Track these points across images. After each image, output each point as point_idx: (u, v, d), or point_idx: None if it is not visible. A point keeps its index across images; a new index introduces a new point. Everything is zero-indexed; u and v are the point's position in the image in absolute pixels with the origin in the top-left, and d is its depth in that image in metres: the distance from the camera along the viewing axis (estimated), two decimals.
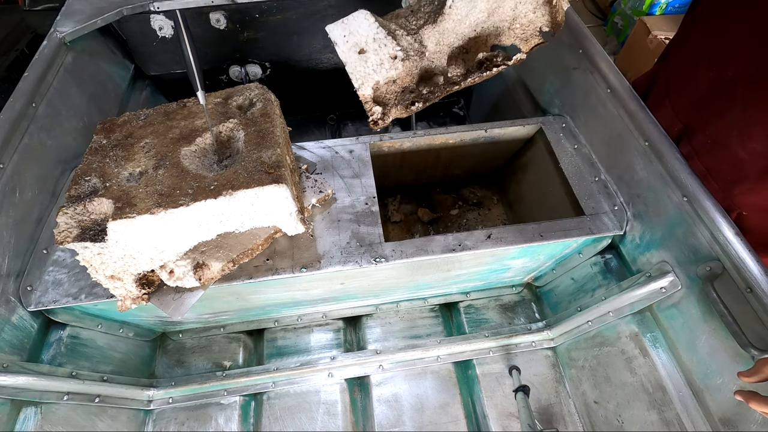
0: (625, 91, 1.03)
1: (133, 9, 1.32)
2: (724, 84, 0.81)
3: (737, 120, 0.80)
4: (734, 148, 0.81)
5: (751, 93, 0.76)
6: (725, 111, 0.82)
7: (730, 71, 0.80)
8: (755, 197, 0.82)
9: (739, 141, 0.80)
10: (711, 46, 0.85)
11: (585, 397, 1.18)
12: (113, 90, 1.40)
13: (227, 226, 0.80)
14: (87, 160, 0.83)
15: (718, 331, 0.83)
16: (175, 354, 1.31)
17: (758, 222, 0.84)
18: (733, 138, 0.81)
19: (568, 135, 1.20)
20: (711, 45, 0.85)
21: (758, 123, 0.76)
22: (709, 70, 0.84)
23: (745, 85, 0.77)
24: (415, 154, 1.31)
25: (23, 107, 1.01)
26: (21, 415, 0.90)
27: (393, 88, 0.87)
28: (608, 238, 1.08)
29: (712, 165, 0.87)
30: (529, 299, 1.42)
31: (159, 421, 1.18)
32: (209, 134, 0.86)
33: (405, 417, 1.20)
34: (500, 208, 1.60)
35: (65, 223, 0.74)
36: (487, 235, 0.99)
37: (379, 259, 0.94)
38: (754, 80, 0.75)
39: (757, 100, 0.75)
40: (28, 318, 0.92)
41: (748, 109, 0.77)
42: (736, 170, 0.83)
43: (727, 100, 0.81)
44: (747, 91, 0.77)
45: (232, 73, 1.65)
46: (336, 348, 1.34)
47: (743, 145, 0.79)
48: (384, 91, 0.87)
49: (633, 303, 1.01)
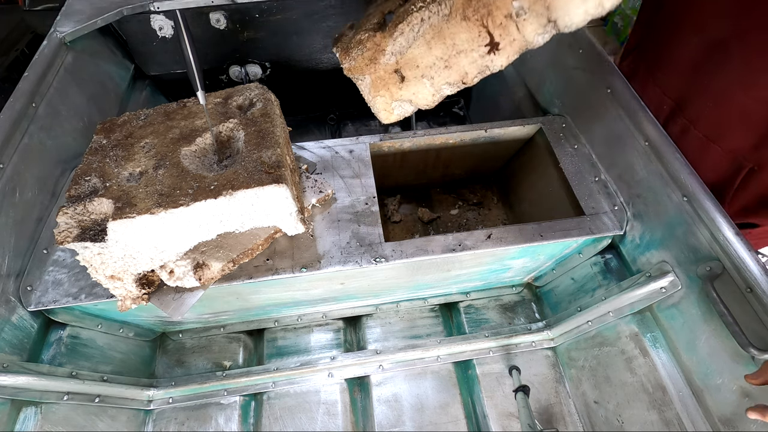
0: (625, 91, 1.03)
1: (133, 9, 1.32)
2: (714, 44, 0.83)
3: (737, 73, 0.81)
4: (739, 98, 0.82)
5: (749, 45, 0.78)
6: (721, 68, 0.84)
7: (716, 31, 0.82)
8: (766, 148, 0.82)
9: (744, 91, 0.81)
10: (690, 13, 0.87)
11: (585, 397, 1.18)
12: (113, 90, 1.40)
13: (227, 226, 0.80)
14: (87, 160, 0.83)
15: (718, 331, 0.83)
16: (175, 354, 1.31)
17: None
18: (737, 90, 0.82)
19: (568, 135, 1.20)
20: (690, 12, 0.87)
21: (762, 70, 0.78)
22: (693, 35, 0.86)
23: (740, 39, 0.79)
24: (415, 154, 1.31)
25: (23, 107, 1.01)
26: (21, 415, 0.90)
27: None
28: (608, 238, 1.08)
29: (714, 128, 0.88)
30: (529, 299, 1.42)
31: (159, 421, 1.18)
32: (209, 134, 0.86)
33: (405, 417, 1.20)
34: (500, 208, 1.60)
35: (65, 223, 0.74)
36: (487, 235, 0.99)
37: (379, 259, 0.94)
38: (750, 33, 0.77)
39: (758, 51, 0.77)
40: (28, 318, 0.92)
41: (748, 62, 0.79)
42: (743, 122, 0.83)
43: (721, 58, 0.83)
44: (743, 45, 0.79)
45: (232, 73, 1.65)
46: (336, 348, 1.34)
47: (749, 93, 0.81)
48: None
49: (633, 303, 1.01)
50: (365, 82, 0.87)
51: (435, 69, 0.81)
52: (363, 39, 0.80)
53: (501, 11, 0.70)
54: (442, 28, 0.75)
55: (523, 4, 0.68)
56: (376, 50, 0.81)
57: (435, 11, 0.74)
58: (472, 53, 0.77)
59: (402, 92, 0.85)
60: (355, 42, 0.82)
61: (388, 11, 0.83)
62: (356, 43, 0.82)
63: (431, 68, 0.80)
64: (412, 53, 0.78)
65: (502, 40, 0.74)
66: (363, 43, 0.80)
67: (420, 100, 0.85)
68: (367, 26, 0.82)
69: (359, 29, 0.84)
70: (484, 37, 0.74)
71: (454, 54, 0.78)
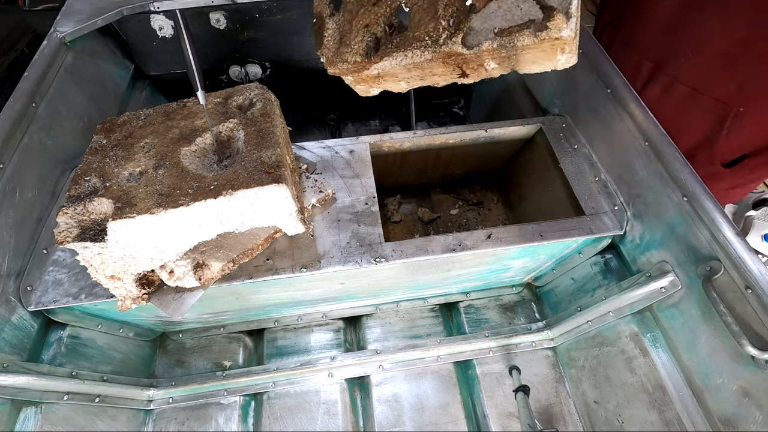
0: (625, 91, 1.03)
1: (133, 9, 1.32)
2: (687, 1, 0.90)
3: (714, 21, 0.87)
4: (718, 45, 0.88)
5: None
6: (697, 20, 0.90)
7: None
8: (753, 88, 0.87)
9: (722, 37, 0.87)
10: None
11: (585, 397, 1.18)
12: (113, 90, 1.40)
13: (227, 226, 0.80)
14: (87, 160, 0.83)
15: (718, 331, 0.83)
16: (175, 354, 1.31)
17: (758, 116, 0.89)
18: (716, 38, 0.88)
19: (568, 135, 1.20)
20: None
21: (737, 14, 0.83)
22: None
23: None
24: (415, 154, 1.31)
25: (23, 107, 1.01)
26: (21, 415, 0.90)
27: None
28: (608, 238, 1.08)
29: (697, 77, 0.93)
30: (529, 299, 1.42)
31: (159, 421, 1.18)
32: (209, 134, 0.86)
33: (405, 417, 1.20)
34: (500, 208, 1.60)
35: (65, 223, 0.74)
36: (487, 235, 0.99)
37: (379, 259, 0.94)
38: None
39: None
40: (28, 318, 0.92)
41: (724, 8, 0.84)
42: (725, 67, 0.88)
43: (695, 10, 0.89)
44: None
45: (232, 73, 1.65)
46: (336, 348, 1.33)
47: (726, 39, 0.86)
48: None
49: (633, 303, 1.01)
50: (347, 79, 0.96)
51: (411, 80, 0.93)
52: (349, 60, 0.89)
53: (475, 62, 0.83)
54: (422, 64, 0.86)
55: (494, 62, 0.83)
56: (360, 68, 0.90)
57: (418, 55, 0.84)
58: (444, 76, 0.91)
59: (380, 86, 0.97)
60: (341, 59, 0.91)
61: (372, 32, 0.90)
62: (342, 60, 0.90)
63: (408, 79, 0.93)
64: (393, 71, 0.89)
65: (471, 74, 0.88)
66: (348, 63, 0.90)
67: (395, 90, 0.97)
68: (353, 47, 0.90)
69: (344, 47, 0.91)
70: (457, 71, 0.88)
71: (429, 75, 0.91)
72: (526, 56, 0.80)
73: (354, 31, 0.91)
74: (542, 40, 0.75)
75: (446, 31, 0.81)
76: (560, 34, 0.73)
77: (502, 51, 0.79)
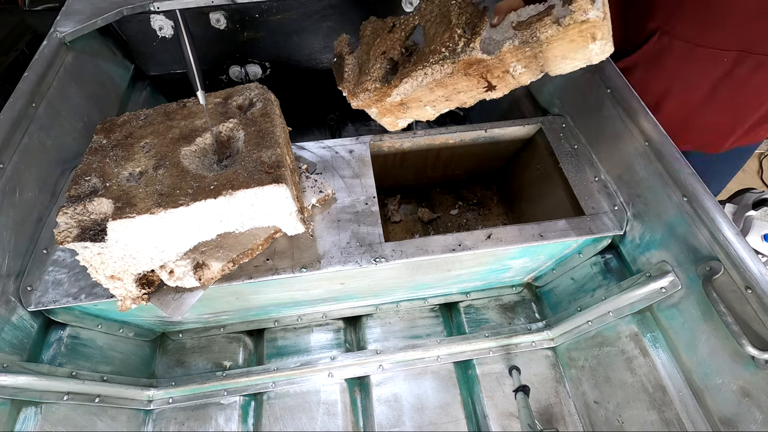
0: (625, 90, 1.03)
1: (133, 9, 1.32)
2: None
3: None
4: None
5: None
6: None
7: None
8: None
9: None
10: None
11: (585, 397, 1.18)
12: (113, 90, 1.40)
13: (227, 226, 0.80)
14: (87, 160, 0.83)
15: (718, 331, 0.83)
16: (175, 354, 1.31)
17: None
18: None
19: (568, 135, 1.20)
20: None
21: None
22: None
23: None
24: (415, 154, 1.31)
25: (23, 107, 1.01)
26: (21, 415, 0.90)
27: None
28: (608, 238, 1.08)
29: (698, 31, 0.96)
30: (529, 299, 1.42)
31: (159, 421, 1.18)
32: (209, 134, 0.86)
33: (405, 417, 1.20)
34: (500, 208, 1.60)
35: (65, 223, 0.74)
36: (487, 235, 0.99)
37: (379, 259, 0.94)
38: None
39: None
40: (28, 318, 0.92)
41: None
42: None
43: None
44: None
45: (232, 73, 1.65)
46: (336, 348, 1.33)
47: None
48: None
49: (633, 303, 1.01)
50: (372, 112, 0.96)
51: (437, 102, 0.90)
52: (369, 88, 0.89)
53: (499, 69, 0.78)
54: (444, 80, 0.82)
55: (520, 65, 0.77)
56: (381, 95, 0.88)
57: (438, 70, 0.80)
58: (470, 92, 0.87)
59: (406, 115, 0.95)
60: (361, 89, 0.90)
61: (389, 57, 0.89)
62: (362, 90, 0.90)
63: (433, 101, 0.90)
64: (415, 94, 0.86)
65: (498, 84, 0.83)
66: (369, 91, 0.88)
67: (423, 118, 0.96)
68: (372, 74, 0.89)
69: (364, 76, 0.91)
70: (482, 84, 0.83)
71: (454, 93, 0.87)
72: (553, 51, 0.73)
73: (372, 59, 0.90)
74: (567, 28, 0.67)
75: (462, 39, 0.76)
76: (586, 16, 0.65)
77: (526, 49, 0.72)
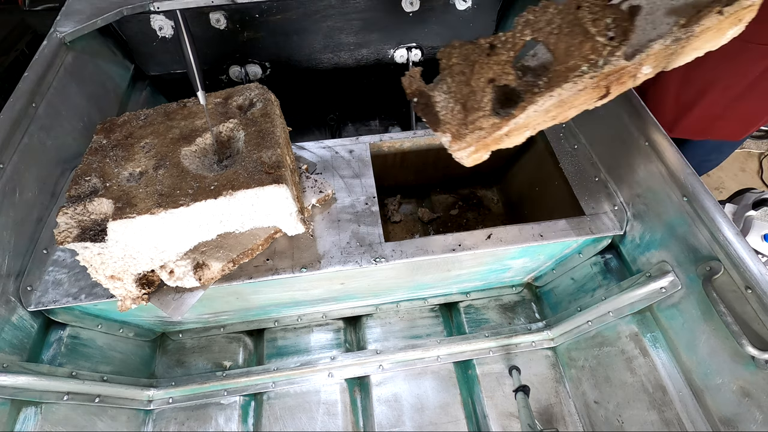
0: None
1: (133, 9, 1.32)
2: None
3: None
4: None
5: None
6: None
7: None
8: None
9: None
10: None
11: (585, 397, 1.18)
12: (113, 90, 1.40)
13: (227, 226, 0.80)
14: (87, 160, 0.83)
15: (718, 331, 0.83)
16: (175, 354, 1.31)
17: None
18: None
19: (568, 135, 1.20)
20: None
21: None
22: None
23: None
24: (415, 154, 1.31)
25: (23, 107, 1.01)
26: (21, 415, 0.90)
27: None
28: (608, 238, 1.08)
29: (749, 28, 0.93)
30: (529, 299, 1.42)
31: (159, 421, 1.18)
32: (209, 134, 0.86)
33: (405, 417, 1.20)
34: (500, 208, 1.60)
35: (65, 223, 0.74)
36: (487, 235, 0.99)
37: (379, 259, 0.94)
38: None
39: None
40: (28, 318, 0.92)
41: None
42: None
43: None
44: None
45: (232, 73, 1.65)
46: (336, 348, 1.33)
47: None
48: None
49: (633, 303, 1.01)
50: (465, 153, 0.81)
51: (540, 124, 0.79)
52: (483, 126, 0.75)
53: (629, 74, 0.71)
54: (569, 98, 0.72)
55: (650, 66, 0.70)
56: (492, 130, 0.76)
57: (568, 88, 0.70)
58: (583, 105, 0.76)
59: (500, 145, 0.81)
60: (472, 128, 0.76)
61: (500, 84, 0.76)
62: (474, 128, 0.76)
63: (537, 125, 0.78)
64: (527, 120, 0.75)
65: (614, 91, 0.74)
66: (482, 129, 0.75)
67: (512, 145, 0.82)
68: (484, 108, 0.76)
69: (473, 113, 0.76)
70: (601, 93, 0.74)
71: (566, 110, 0.76)
72: (694, 44, 0.67)
73: (478, 91, 0.76)
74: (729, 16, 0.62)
75: (607, 48, 0.67)
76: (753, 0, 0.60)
77: (673, 46, 0.66)
